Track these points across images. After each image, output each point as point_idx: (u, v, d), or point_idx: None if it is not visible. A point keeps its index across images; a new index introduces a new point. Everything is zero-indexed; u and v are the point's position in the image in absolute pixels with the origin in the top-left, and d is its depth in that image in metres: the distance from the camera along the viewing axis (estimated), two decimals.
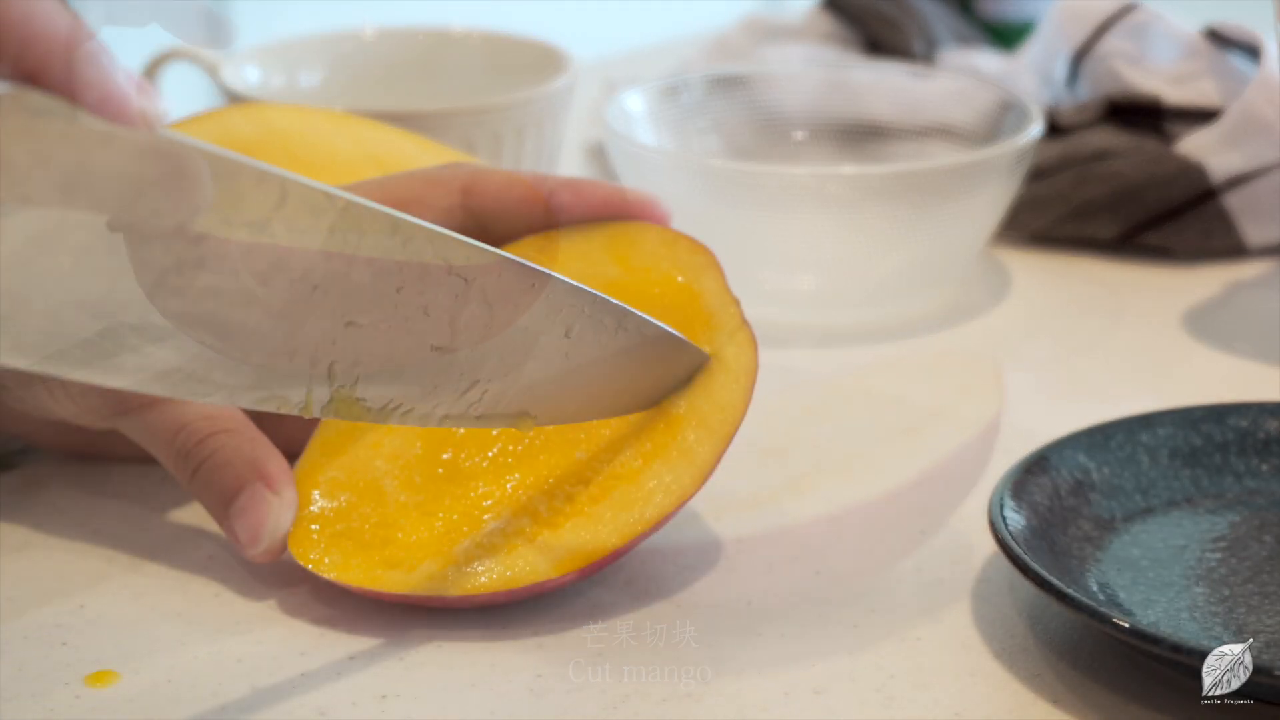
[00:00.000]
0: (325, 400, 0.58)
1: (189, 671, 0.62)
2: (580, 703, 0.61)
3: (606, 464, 0.66)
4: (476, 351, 0.61)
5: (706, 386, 0.67)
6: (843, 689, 0.62)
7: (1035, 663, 0.63)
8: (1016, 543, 0.63)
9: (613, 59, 1.26)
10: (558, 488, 0.66)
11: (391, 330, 0.59)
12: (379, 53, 1.01)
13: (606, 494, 0.65)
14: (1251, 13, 1.03)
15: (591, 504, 0.65)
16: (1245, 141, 0.93)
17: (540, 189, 0.70)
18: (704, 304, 0.68)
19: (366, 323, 0.58)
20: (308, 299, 0.57)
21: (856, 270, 0.88)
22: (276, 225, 0.55)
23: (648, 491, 0.65)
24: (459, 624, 0.65)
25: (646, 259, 0.69)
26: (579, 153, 1.09)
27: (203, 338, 0.55)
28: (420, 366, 0.60)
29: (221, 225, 0.54)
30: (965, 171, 0.86)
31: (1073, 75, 1.00)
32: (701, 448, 0.66)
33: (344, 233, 0.57)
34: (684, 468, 0.65)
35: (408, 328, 0.59)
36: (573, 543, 0.64)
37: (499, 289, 0.61)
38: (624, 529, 0.64)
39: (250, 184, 0.55)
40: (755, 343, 0.68)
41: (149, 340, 0.54)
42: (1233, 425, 0.72)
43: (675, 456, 0.66)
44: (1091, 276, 0.94)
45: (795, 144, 0.98)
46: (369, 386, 0.59)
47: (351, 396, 0.58)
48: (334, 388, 0.58)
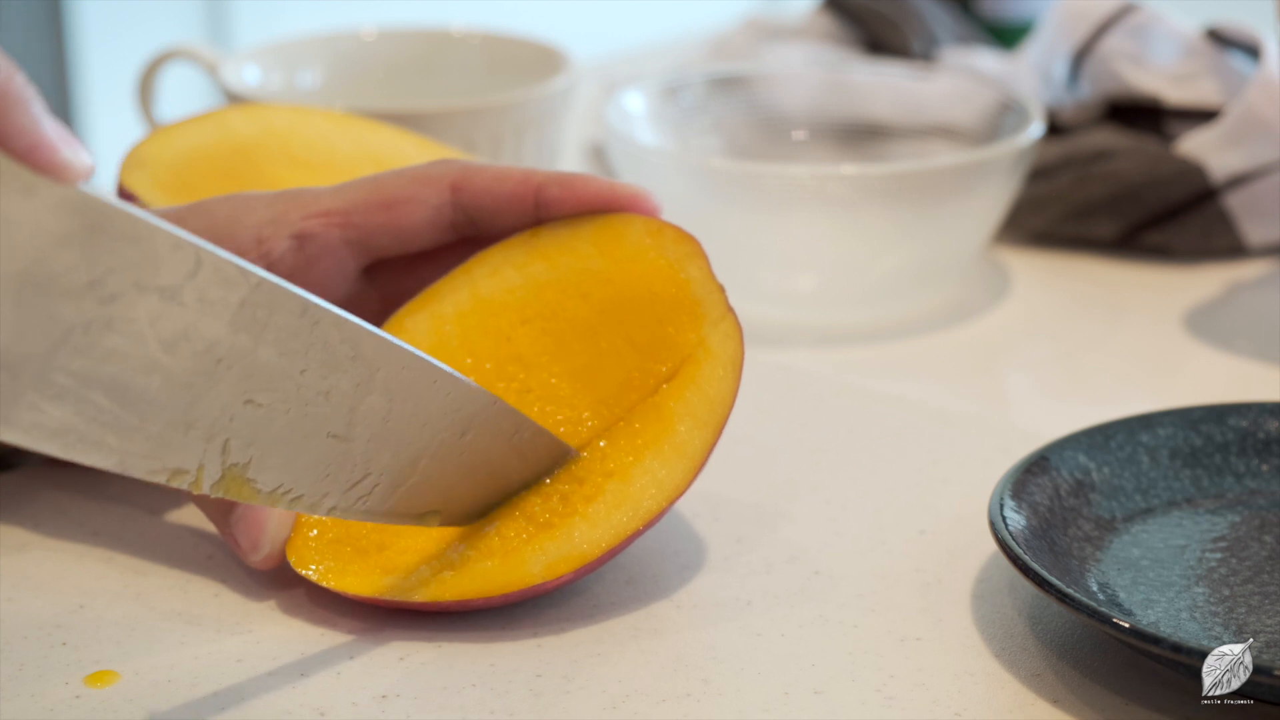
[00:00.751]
0: (216, 478, 0.57)
1: (189, 671, 0.62)
2: (580, 703, 0.61)
3: (599, 462, 0.66)
4: (372, 444, 0.61)
5: (694, 379, 0.67)
6: (843, 689, 0.62)
7: (1035, 663, 0.63)
8: (1016, 543, 0.63)
9: (613, 59, 1.26)
10: (552, 489, 0.66)
11: (290, 413, 0.58)
12: (379, 53, 1.01)
13: (600, 492, 0.65)
14: (1251, 13, 1.03)
15: (586, 503, 0.65)
16: (1245, 141, 0.93)
17: (530, 184, 0.70)
18: (689, 292, 0.68)
19: (266, 403, 0.58)
20: (211, 372, 0.56)
21: (856, 270, 0.88)
22: (188, 293, 0.55)
23: (640, 488, 0.65)
24: (459, 624, 0.65)
25: (631, 249, 0.69)
26: (579, 153, 1.09)
27: (102, 401, 0.54)
28: (315, 453, 0.59)
29: (133, 288, 0.53)
30: (965, 171, 0.86)
31: (1073, 75, 1.00)
32: (693, 441, 0.66)
33: (254, 309, 0.56)
34: (676, 462, 0.65)
35: (307, 412, 0.59)
36: (569, 543, 0.64)
37: (402, 382, 0.61)
38: (619, 526, 0.64)
39: (166, 249, 0.54)
40: (740, 330, 0.67)
41: (47, 398, 0.53)
42: (1233, 425, 0.72)
43: (668, 451, 0.66)
44: (1091, 276, 0.94)
45: (795, 144, 0.98)
46: (261, 469, 0.58)
47: (243, 477, 0.58)
48: (226, 465, 0.57)
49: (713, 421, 0.66)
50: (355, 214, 0.69)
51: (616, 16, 2.27)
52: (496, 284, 0.69)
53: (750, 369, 0.83)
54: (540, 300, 0.69)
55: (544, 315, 0.69)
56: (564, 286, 0.69)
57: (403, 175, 0.70)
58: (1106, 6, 0.99)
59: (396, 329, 0.69)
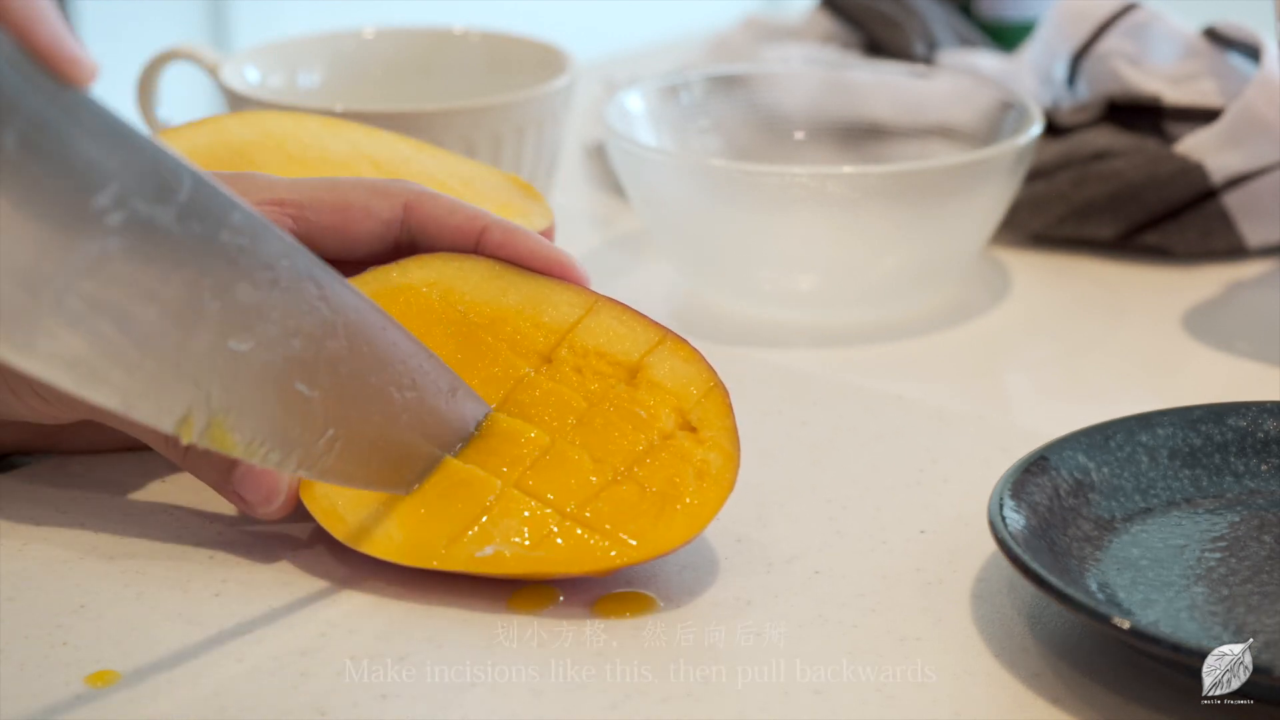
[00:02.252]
0: (204, 426, 0.59)
1: (189, 671, 0.62)
2: (580, 703, 0.61)
3: (642, 479, 0.66)
4: (332, 395, 0.62)
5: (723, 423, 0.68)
6: (843, 689, 0.62)
7: (1035, 663, 0.63)
8: (1016, 543, 0.63)
9: (613, 59, 1.26)
10: (592, 487, 0.66)
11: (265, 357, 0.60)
12: (379, 53, 1.01)
13: (645, 505, 0.66)
14: (1251, 13, 1.03)
15: (624, 516, 0.65)
16: (1245, 141, 0.93)
17: (476, 223, 0.71)
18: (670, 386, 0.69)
19: (244, 348, 0.59)
20: (197, 306, 0.58)
21: (856, 270, 0.88)
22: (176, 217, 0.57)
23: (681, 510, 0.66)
24: (459, 624, 0.65)
25: None
26: (579, 153, 1.09)
27: (109, 330, 0.56)
28: (285, 405, 0.61)
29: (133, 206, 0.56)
30: (965, 171, 0.86)
31: (1072, 75, 1.00)
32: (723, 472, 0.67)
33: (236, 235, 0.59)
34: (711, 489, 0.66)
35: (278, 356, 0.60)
36: (593, 547, 0.65)
37: (358, 326, 0.63)
38: (652, 546, 0.65)
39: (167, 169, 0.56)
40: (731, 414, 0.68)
41: (63, 324, 0.55)
42: (1232, 425, 0.72)
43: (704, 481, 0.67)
44: (1091, 276, 0.94)
45: (795, 144, 0.98)
46: (240, 418, 0.60)
47: (224, 427, 0.60)
48: (211, 414, 0.59)
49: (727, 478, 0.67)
50: (308, 209, 0.71)
51: (616, 16, 2.27)
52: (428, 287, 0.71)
53: (750, 369, 0.83)
54: None
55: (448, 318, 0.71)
56: None
57: (361, 184, 0.72)
58: (1106, 6, 0.99)
59: None
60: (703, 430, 0.67)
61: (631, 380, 0.68)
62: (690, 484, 0.66)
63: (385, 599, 0.66)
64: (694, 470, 0.66)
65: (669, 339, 0.69)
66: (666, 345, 0.69)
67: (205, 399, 0.59)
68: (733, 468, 0.66)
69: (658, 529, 0.65)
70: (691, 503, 0.66)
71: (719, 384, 0.68)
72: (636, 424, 0.67)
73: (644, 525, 0.65)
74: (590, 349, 0.69)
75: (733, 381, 0.69)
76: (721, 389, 0.68)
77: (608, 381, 0.68)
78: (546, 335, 0.69)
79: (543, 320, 0.70)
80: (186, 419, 0.59)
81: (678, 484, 0.66)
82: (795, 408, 0.81)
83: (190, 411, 0.59)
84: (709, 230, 0.88)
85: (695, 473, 0.66)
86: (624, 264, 0.97)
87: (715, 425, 0.67)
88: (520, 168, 0.93)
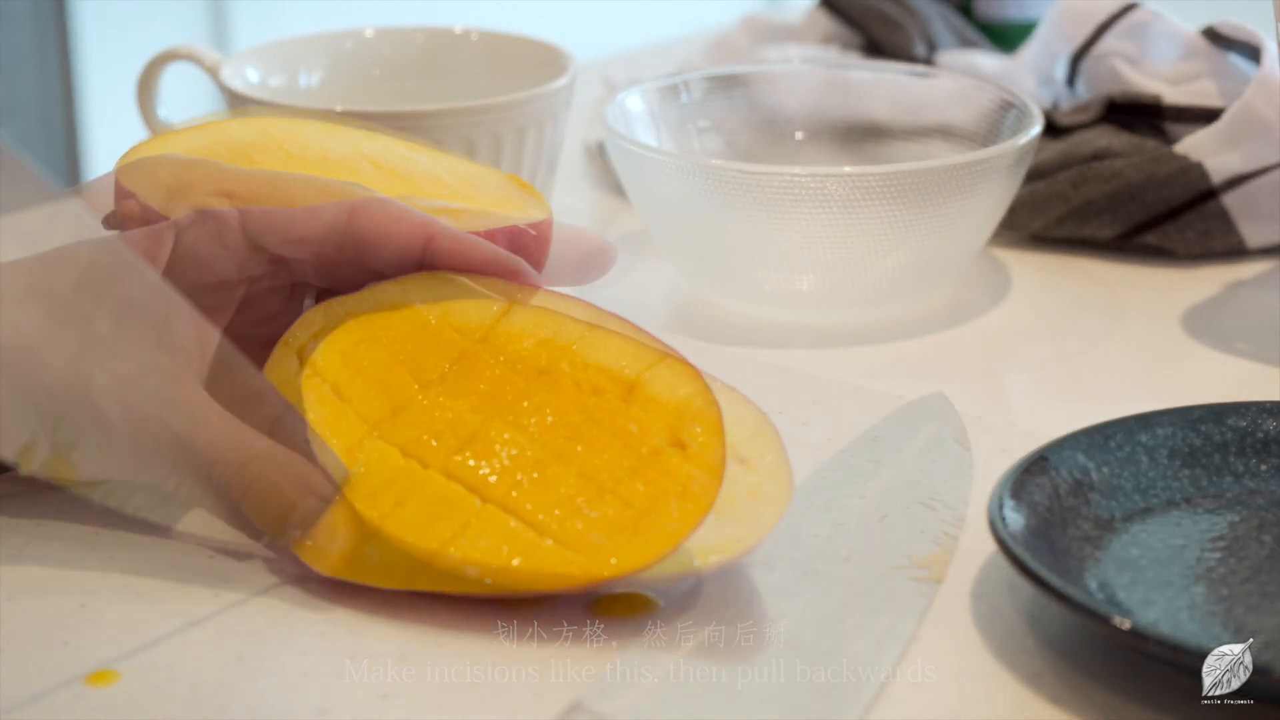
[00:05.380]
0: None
1: (189, 671, 0.62)
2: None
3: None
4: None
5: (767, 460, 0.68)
6: (843, 689, 0.62)
7: (1035, 663, 0.63)
8: (1016, 543, 0.63)
9: (613, 59, 1.26)
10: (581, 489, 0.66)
11: None
12: (379, 53, 1.01)
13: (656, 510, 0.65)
14: (1251, 13, 1.03)
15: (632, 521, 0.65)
16: (1245, 141, 0.93)
17: (424, 231, 0.71)
18: None
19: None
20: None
21: (856, 270, 0.88)
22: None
23: None
24: (459, 624, 0.65)
25: None
26: (579, 153, 1.09)
27: None
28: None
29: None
30: (965, 171, 0.86)
31: (1072, 75, 1.00)
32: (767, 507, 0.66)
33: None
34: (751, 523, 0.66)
35: None
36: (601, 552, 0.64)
37: None
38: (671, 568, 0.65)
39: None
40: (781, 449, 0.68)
41: None
42: (1232, 425, 0.72)
43: None
44: (1091, 276, 0.94)
45: (795, 144, 0.98)
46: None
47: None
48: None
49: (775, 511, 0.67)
50: (254, 204, 0.71)
51: (616, 16, 2.27)
52: None
53: (750, 369, 0.83)
54: None
55: None
56: None
57: (312, 183, 0.72)
58: (1106, 6, 0.99)
59: None
60: (690, 448, 0.66)
61: (628, 396, 0.68)
62: (671, 502, 0.65)
63: (386, 599, 0.66)
64: (677, 488, 0.65)
65: (668, 358, 0.68)
66: (665, 363, 0.68)
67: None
68: (715, 486, 0.65)
69: (634, 545, 0.64)
70: (669, 520, 0.65)
71: (713, 401, 0.67)
72: (626, 440, 0.67)
73: (621, 542, 0.64)
74: (591, 364, 0.68)
75: (733, 381, 0.69)
76: (715, 406, 0.67)
77: (604, 397, 0.68)
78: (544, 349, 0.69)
79: (541, 335, 0.69)
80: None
81: (659, 501, 0.65)
82: (795, 408, 0.81)
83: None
84: (709, 230, 0.88)
85: (678, 491, 0.65)
86: (624, 264, 0.97)
87: (703, 443, 0.66)
88: (520, 168, 0.93)
